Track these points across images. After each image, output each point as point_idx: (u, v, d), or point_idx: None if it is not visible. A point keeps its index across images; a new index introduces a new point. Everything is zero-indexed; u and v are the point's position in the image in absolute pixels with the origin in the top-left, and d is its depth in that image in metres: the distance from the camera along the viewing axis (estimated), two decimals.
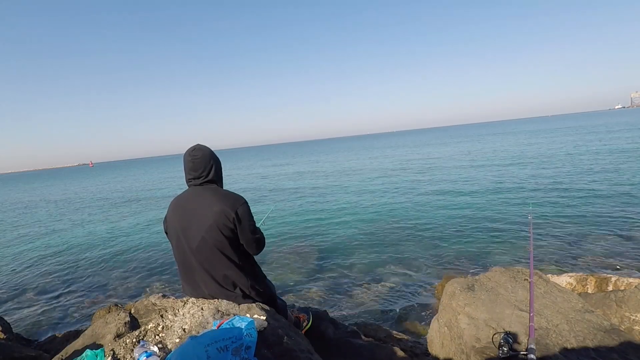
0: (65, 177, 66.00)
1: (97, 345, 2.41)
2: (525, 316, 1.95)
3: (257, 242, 1.85)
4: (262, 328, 1.53)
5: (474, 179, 13.89)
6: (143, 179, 36.84)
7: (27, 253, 9.45)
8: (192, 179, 1.83)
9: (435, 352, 2.32)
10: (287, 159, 48.13)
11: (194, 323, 1.54)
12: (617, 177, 11.13)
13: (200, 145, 1.85)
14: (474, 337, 1.88)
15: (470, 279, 2.53)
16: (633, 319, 2.57)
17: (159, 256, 7.74)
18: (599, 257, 5.38)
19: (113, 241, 9.74)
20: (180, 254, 1.83)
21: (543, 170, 14.05)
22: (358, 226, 8.63)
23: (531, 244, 2.87)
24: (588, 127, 46.63)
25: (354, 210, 10.58)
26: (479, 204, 9.63)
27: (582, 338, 1.80)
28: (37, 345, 3.74)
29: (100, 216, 14.49)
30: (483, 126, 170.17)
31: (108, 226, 12.07)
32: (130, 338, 1.51)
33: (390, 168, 21.78)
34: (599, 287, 3.68)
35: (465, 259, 5.82)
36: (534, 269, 2.41)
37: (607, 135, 28.51)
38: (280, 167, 33.36)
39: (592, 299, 2.87)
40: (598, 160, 15.30)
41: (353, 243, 7.29)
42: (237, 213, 1.73)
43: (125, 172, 62.41)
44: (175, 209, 1.84)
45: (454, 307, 2.19)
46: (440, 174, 16.36)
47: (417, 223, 8.35)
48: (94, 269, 7.42)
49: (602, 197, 8.91)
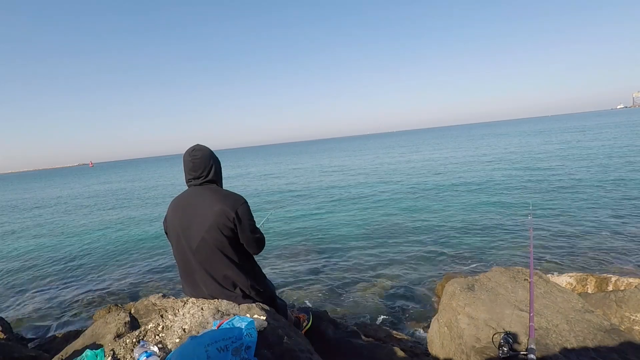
0: (65, 177, 66.00)
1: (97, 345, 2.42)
2: (525, 316, 1.95)
3: (257, 241, 1.85)
4: (262, 328, 1.53)
5: (474, 179, 13.89)
6: (142, 179, 36.84)
7: (27, 253, 9.45)
8: (192, 179, 1.82)
9: (435, 352, 2.32)
10: (287, 159, 48.14)
11: (194, 323, 1.54)
12: (617, 177, 11.13)
13: (200, 146, 1.85)
14: (474, 337, 1.88)
15: (470, 279, 2.53)
16: (633, 319, 2.57)
17: (158, 256, 7.74)
18: (599, 257, 5.38)
19: (113, 241, 9.74)
20: (180, 254, 1.83)
21: (543, 170, 14.05)
22: (358, 226, 8.64)
23: (531, 244, 2.87)
24: (589, 127, 46.61)
25: (353, 210, 10.58)
26: (479, 204, 9.63)
27: (582, 338, 1.80)
28: (37, 345, 3.74)
29: (100, 216, 14.49)
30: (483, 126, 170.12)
31: (108, 226, 12.07)
32: (130, 338, 1.51)
33: (390, 168, 21.78)
34: (599, 287, 3.68)
35: (465, 259, 5.82)
36: (534, 269, 2.41)
37: (608, 135, 28.51)
38: (280, 167, 33.37)
39: (592, 299, 2.87)
40: (598, 160, 15.29)
41: (353, 243, 7.29)
42: (237, 213, 1.73)
43: (125, 172, 62.42)
44: (175, 209, 1.84)
45: (454, 307, 2.19)
46: (440, 174, 16.37)
47: (417, 223, 8.35)
48: (94, 269, 7.42)
49: (602, 197, 8.91)
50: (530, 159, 18.48)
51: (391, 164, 24.22)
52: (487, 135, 54.12)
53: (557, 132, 42.67)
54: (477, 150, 27.81)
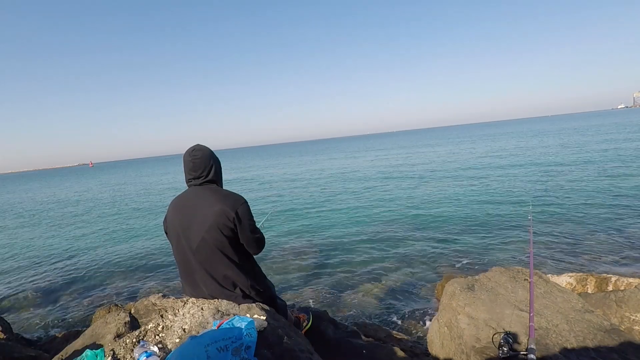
0: (65, 177, 66.00)
1: (97, 345, 2.42)
2: (525, 316, 1.95)
3: (257, 241, 1.85)
4: (262, 328, 1.53)
5: (474, 179, 13.90)
6: (142, 179, 36.84)
7: (27, 253, 9.45)
8: (192, 179, 1.83)
9: (435, 352, 2.32)
10: (287, 159, 48.14)
11: (194, 323, 1.54)
12: (617, 177, 11.13)
13: (200, 146, 1.85)
14: (474, 337, 1.88)
15: (470, 279, 2.53)
16: (633, 319, 2.57)
17: (159, 256, 7.74)
18: (599, 257, 5.38)
19: (113, 241, 9.75)
20: (180, 254, 1.83)
21: (543, 171, 14.05)
22: (358, 226, 8.64)
23: (531, 244, 2.87)
24: (589, 127, 46.61)
25: (353, 210, 10.58)
26: (479, 204, 9.63)
27: (582, 338, 1.80)
28: (37, 345, 3.74)
29: (100, 216, 14.49)
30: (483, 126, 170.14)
31: (107, 226, 12.07)
32: (130, 338, 1.51)
33: (390, 169, 21.78)
34: (599, 287, 3.68)
35: (465, 259, 5.82)
36: (534, 269, 2.41)
37: (608, 136, 28.51)
38: (280, 167, 33.37)
39: (592, 299, 2.87)
40: (598, 160, 15.30)
41: (353, 243, 7.29)
42: (237, 213, 1.73)
43: (125, 172, 62.43)
44: (175, 209, 1.84)
45: (454, 307, 2.19)
46: (440, 174, 16.37)
47: (416, 223, 8.35)
48: (94, 269, 7.42)
49: (602, 197, 8.91)
50: (530, 159, 18.48)
51: (391, 164, 24.23)
52: (488, 136, 54.14)
53: (558, 132, 42.67)
54: (477, 150, 27.82)
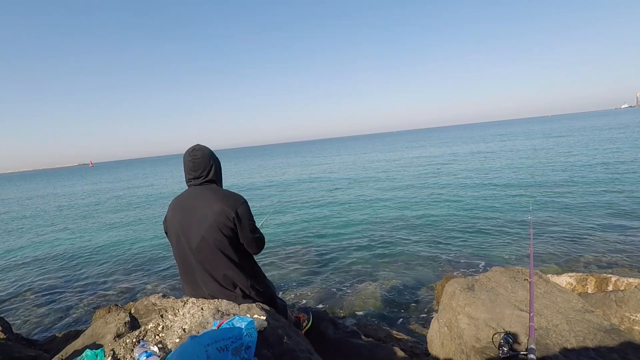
0: (64, 177, 66.00)
1: (97, 345, 2.41)
2: (525, 316, 1.95)
3: (257, 241, 1.85)
4: (262, 328, 1.53)
5: (474, 179, 13.90)
6: (142, 179, 36.83)
7: (27, 253, 9.45)
8: (192, 179, 1.83)
9: (435, 352, 2.32)
10: (287, 159, 48.13)
11: (194, 323, 1.54)
12: (617, 177, 11.13)
13: (200, 146, 1.86)
14: (474, 337, 1.88)
15: (470, 279, 2.52)
16: (633, 319, 2.57)
17: (158, 256, 7.74)
18: (599, 257, 5.38)
19: (113, 241, 9.74)
20: (180, 254, 1.83)
21: (543, 171, 14.05)
22: (357, 226, 8.64)
23: (531, 244, 2.87)
24: (589, 127, 46.59)
25: (354, 210, 10.58)
26: (479, 204, 9.64)
27: (582, 338, 1.80)
28: (37, 345, 3.74)
29: (100, 216, 14.49)
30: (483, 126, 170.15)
31: (107, 226, 12.07)
32: (130, 338, 1.51)
33: (390, 169, 21.78)
34: (599, 287, 3.68)
35: (465, 259, 5.82)
36: (534, 269, 2.41)
37: (608, 136, 28.51)
38: (280, 167, 33.37)
39: (592, 299, 2.87)
40: (598, 160, 15.29)
41: (353, 243, 7.29)
42: (237, 212, 1.74)
43: (125, 172, 62.42)
44: (175, 209, 1.84)
45: (454, 307, 2.18)
46: (440, 175, 16.37)
47: (416, 223, 8.35)
48: (93, 269, 7.42)
49: (602, 197, 8.91)
50: (530, 159, 18.48)
51: (391, 164, 24.22)
52: (488, 136, 54.11)
53: (558, 132, 42.65)
54: (477, 150, 27.81)
